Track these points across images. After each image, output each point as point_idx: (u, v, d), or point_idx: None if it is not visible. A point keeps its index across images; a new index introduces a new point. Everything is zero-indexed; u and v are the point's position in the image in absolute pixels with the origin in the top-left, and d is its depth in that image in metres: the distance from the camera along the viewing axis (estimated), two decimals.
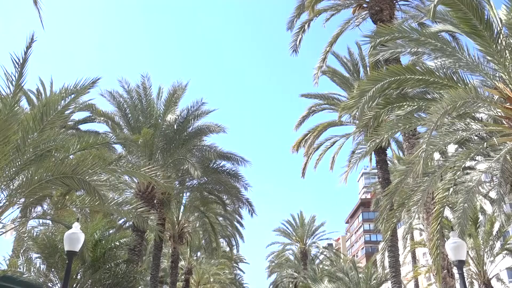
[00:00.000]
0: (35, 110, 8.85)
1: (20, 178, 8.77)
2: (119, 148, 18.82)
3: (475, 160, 12.23)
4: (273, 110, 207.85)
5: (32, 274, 12.10)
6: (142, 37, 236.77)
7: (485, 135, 10.97)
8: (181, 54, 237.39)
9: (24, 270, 11.92)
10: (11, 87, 8.14)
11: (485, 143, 10.20)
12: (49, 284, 13.59)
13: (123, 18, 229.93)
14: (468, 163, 11.75)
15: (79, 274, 12.17)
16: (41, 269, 12.29)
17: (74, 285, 11.92)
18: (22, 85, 8.26)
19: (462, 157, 10.39)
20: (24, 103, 23.03)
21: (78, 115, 24.74)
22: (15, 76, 8.11)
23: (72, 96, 9.13)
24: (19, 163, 8.52)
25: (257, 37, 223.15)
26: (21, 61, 8.11)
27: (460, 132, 10.53)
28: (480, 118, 11.29)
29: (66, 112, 9.63)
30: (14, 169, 8.50)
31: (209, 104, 25.91)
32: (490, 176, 10.72)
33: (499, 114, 10.05)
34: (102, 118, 19.09)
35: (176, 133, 18.71)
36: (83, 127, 24.89)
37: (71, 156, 9.64)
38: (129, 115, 18.68)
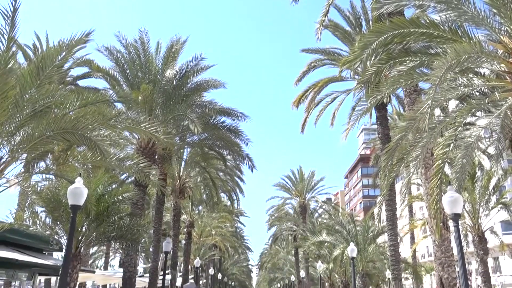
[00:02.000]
0: (32, 65, 8.72)
1: (21, 134, 8.78)
2: (118, 103, 18.73)
3: (476, 116, 12.21)
4: (274, 67, 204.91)
5: (38, 227, 12.40)
6: None
7: (487, 90, 10.88)
8: (178, 10, 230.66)
9: (30, 223, 12.21)
10: (4, 40, 7.95)
11: (487, 99, 10.14)
12: (55, 236, 13.98)
13: None
14: (468, 119, 11.74)
15: (84, 227, 12.47)
16: (46, 222, 12.59)
17: (80, 238, 12.26)
18: (16, 37, 8.06)
19: (463, 112, 10.36)
20: (21, 59, 22.69)
21: (77, 71, 24.50)
22: (6, 30, 7.88)
23: (68, 48, 8.95)
24: (19, 118, 8.49)
25: None
26: (10, 12, 7.85)
27: (462, 87, 10.43)
28: (482, 74, 11.15)
29: (65, 66, 9.50)
30: (14, 125, 8.49)
31: (209, 60, 25.59)
32: (489, 131, 10.73)
33: (503, 69, 9.92)
34: (100, 74, 18.87)
35: (175, 89, 18.56)
36: (81, 83, 24.71)
37: (70, 113, 9.61)
38: (128, 71, 18.44)
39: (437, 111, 14.61)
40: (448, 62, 8.42)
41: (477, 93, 11.24)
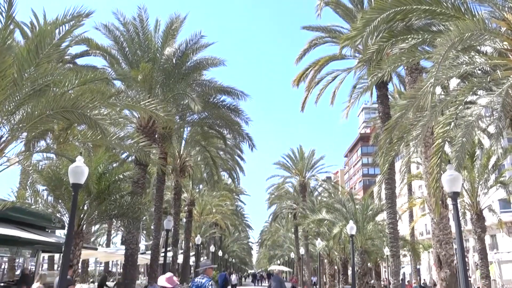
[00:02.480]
0: (29, 43, 8.62)
1: (21, 113, 8.76)
2: (117, 82, 18.64)
3: (477, 94, 12.15)
4: (274, 45, 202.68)
5: (39, 205, 12.51)
6: None
7: (489, 68, 10.80)
8: None
9: (32, 202, 12.32)
10: (2, 19, 7.85)
11: (488, 77, 10.07)
12: (57, 214, 14.12)
13: None
14: (469, 98, 11.69)
15: (85, 205, 12.58)
16: (48, 200, 12.69)
17: (82, 216, 12.37)
18: (13, 15, 7.95)
19: (464, 91, 10.31)
20: (18, 36, 22.41)
21: (75, 49, 24.23)
22: (4, 7, 7.78)
23: (66, 26, 8.84)
24: (18, 97, 8.46)
25: None
26: None
27: (464, 66, 10.34)
28: (485, 52, 11.05)
29: (62, 45, 9.40)
30: (13, 104, 8.46)
31: (208, 38, 25.26)
32: (490, 110, 10.70)
33: (505, 47, 9.82)
34: (98, 52, 18.67)
35: (175, 67, 18.42)
36: (80, 61, 24.44)
37: (69, 91, 9.57)
38: (126, 49, 18.25)
39: (438, 90, 14.57)
40: (451, 40, 8.33)
41: (479, 72, 11.16)
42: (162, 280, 7.57)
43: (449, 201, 11.74)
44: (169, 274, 8.01)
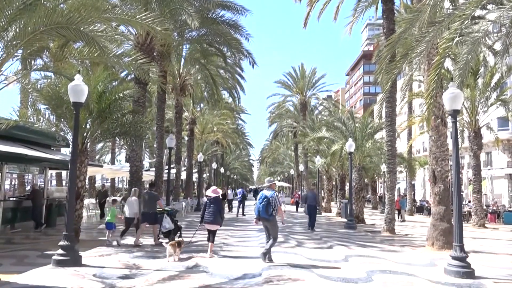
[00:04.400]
0: None
1: (13, 29, 8.47)
2: None
3: (486, 9, 11.64)
4: None
5: (42, 124, 12.61)
6: None
7: None
8: None
9: (35, 120, 12.41)
10: None
11: None
12: (61, 133, 14.32)
13: None
14: (478, 12, 11.21)
15: (88, 124, 12.68)
16: (51, 119, 12.77)
17: (85, 134, 12.54)
18: None
19: (472, 4, 9.87)
20: None
21: None
22: None
23: None
24: (9, 12, 8.11)
25: None
26: None
27: None
28: None
29: None
30: (4, 20, 8.14)
31: None
32: (498, 26, 10.30)
33: None
34: None
35: None
36: None
37: (62, 5, 9.15)
38: None
39: (447, 4, 13.92)
40: None
41: None
42: (209, 192, 9.88)
43: (448, 119, 11.82)
44: (213, 187, 10.32)
